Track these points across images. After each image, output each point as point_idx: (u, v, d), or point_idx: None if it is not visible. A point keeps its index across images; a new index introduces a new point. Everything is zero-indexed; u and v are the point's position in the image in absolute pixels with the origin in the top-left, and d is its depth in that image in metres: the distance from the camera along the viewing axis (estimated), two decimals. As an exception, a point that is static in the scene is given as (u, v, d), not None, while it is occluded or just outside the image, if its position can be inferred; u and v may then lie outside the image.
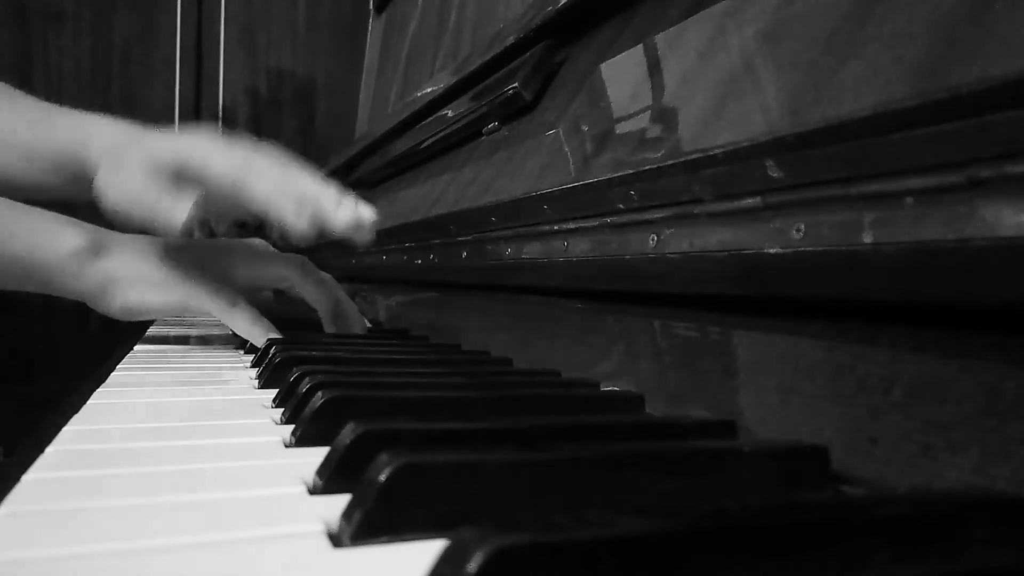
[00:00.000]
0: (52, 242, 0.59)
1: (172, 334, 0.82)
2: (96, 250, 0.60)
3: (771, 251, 0.29)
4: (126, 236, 0.63)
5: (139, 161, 0.55)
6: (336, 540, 0.21)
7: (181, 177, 0.55)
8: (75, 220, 0.61)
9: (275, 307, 0.72)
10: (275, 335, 0.61)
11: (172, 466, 0.29)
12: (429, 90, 0.97)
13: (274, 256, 0.70)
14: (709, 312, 0.36)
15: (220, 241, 0.72)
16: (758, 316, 0.33)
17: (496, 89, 0.67)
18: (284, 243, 1.77)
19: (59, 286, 0.60)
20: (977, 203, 0.21)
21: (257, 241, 0.74)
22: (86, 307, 0.63)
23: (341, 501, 0.23)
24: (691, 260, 0.34)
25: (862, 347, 0.27)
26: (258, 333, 0.62)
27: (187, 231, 0.55)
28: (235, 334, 0.64)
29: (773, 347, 0.32)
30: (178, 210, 0.54)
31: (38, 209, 0.61)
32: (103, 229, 0.62)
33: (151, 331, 0.84)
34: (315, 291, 0.69)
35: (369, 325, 0.74)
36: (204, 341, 0.78)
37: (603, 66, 0.50)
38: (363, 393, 0.36)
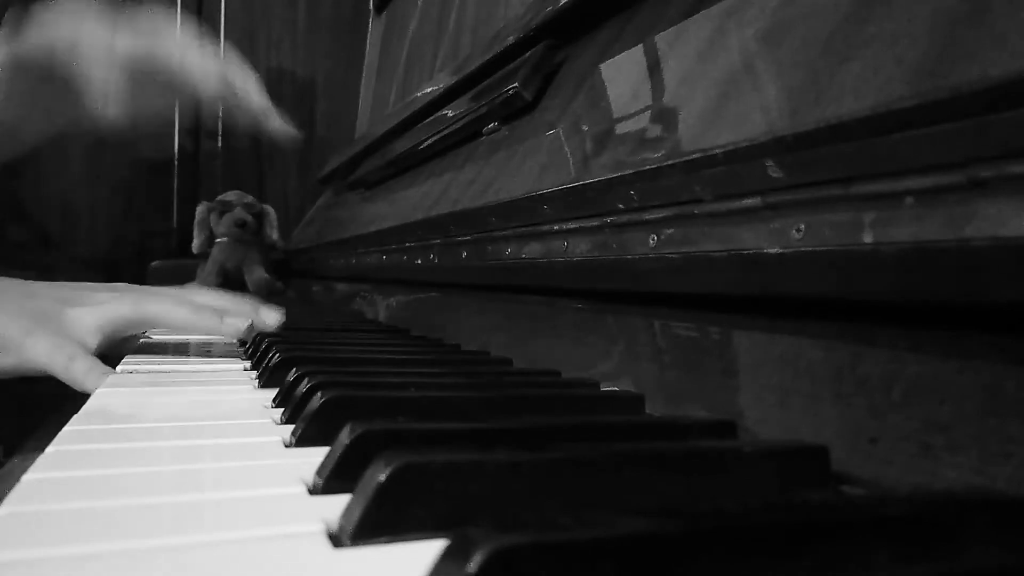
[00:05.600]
0: None
1: (171, 336, 0.82)
2: None
3: (771, 251, 0.29)
4: None
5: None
6: (336, 540, 0.21)
7: None
8: None
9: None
10: (104, 378, 0.53)
11: (172, 466, 0.29)
12: (429, 90, 0.97)
13: (123, 297, 0.61)
14: (709, 312, 0.36)
15: (70, 286, 0.63)
16: (758, 316, 0.33)
17: (496, 89, 0.67)
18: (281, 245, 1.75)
19: None
20: (977, 203, 0.21)
21: (122, 285, 0.66)
22: None
23: (341, 501, 0.23)
24: (691, 260, 0.34)
25: (862, 347, 0.27)
26: (91, 382, 0.52)
27: None
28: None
29: (773, 347, 0.32)
30: None
31: None
32: None
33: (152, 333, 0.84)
34: (172, 316, 0.60)
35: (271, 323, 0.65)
36: (204, 345, 0.78)
37: (603, 66, 0.50)
38: (363, 393, 0.36)
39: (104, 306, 0.59)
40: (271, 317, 0.64)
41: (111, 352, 0.60)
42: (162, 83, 0.67)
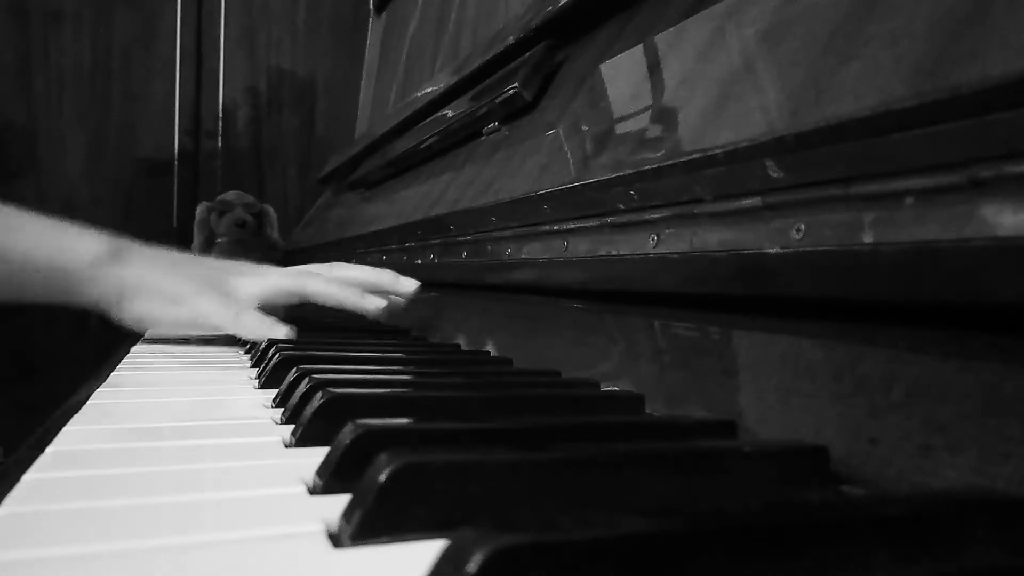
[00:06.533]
0: (73, 248, 0.62)
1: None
2: (114, 257, 0.63)
3: (771, 251, 0.29)
4: (144, 248, 0.66)
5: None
6: (336, 540, 0.21)
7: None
8: (93, 230, 0.64)
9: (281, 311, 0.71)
10: (286, 329, 0.62)
11: (172, 466, 0.29)
12: (429, 90, 0.97)
13: (276, 271, 0.70)
14: (709, 312, 0.36)
15: (230, 263, 0.73)
16: (758, 316, 0.33)
17: (496, 89, 0.68)
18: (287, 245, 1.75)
19: (78, 293, 0.62)
20: (977, 203, 0.21)
21: (267, 267, 0.75)
22: (86, 309, 0.63)
23: (341, 501, 0.23)
24: (691, 260, 0.34)
25: (862, 347, 0.27)
26: (273, 333, 0.62)
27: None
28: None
29: (773, 347, 0.32)
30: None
31: (59, 221, 0.64)
32: (118, 239, 0.65)
33: (151, 332, 0.84)
34: (324, 292, 0.68)
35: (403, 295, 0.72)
36: (205, 341, 0.78)
37: (603, 66, 0.50)
38: (363, 393, 0.36)
39: (265, 276, 0.68)
40: (410, 284, 0.71)
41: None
42: None
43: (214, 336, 0.79)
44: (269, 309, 0.67)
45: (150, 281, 0.63)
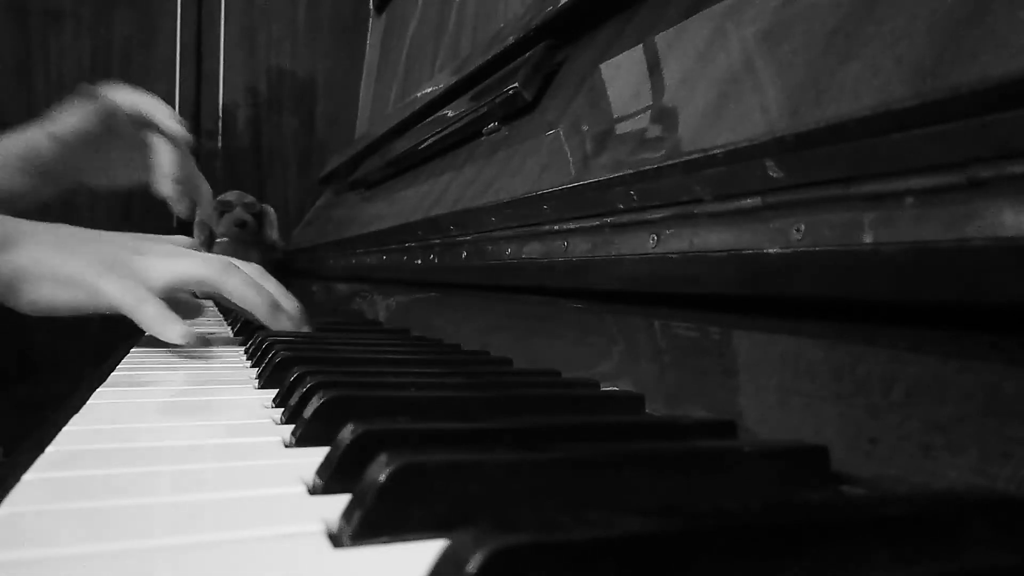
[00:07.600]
0: None
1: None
2: (3, 243, 0.58)
3: (771, 251, 0.29)
4: (38, 227, 0.61)
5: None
6: (336, 540, 0.21)
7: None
8: None
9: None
10: (187, 330, 0.58)
11: (172, 466, 0.29)
12: (429, 90, 0.97)
13: (193, 255, 0.65)
14: (709, 312, 0.36)
15: (135, 236, 0.67)
16: (758, 316, 0.33)
17: (496, 89, 0.68)
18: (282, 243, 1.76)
19: None
20: (977, 203, 0.21)
21: (181, 238, 0.71)
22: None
23: (341, 501, 0.23)
24: (691, 260, 0.34)
25: (862, 347, 0.27)
26: (170, 331, 0.58)
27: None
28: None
29: (773, 347, 0.32)
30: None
31: None
32: (12, 219, 0.60)
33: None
34: (240, 292, 0.64)
35: (306, 328, 0.69)
36: (205, 341, 0.78)
37: (603, 66, 0.50)
38: (363, 393, 0.36)
39: (178, 260, 0.62)
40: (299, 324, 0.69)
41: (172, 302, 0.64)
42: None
43: (213, 336, 0.79)
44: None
45: (45, 265, 0.58)
